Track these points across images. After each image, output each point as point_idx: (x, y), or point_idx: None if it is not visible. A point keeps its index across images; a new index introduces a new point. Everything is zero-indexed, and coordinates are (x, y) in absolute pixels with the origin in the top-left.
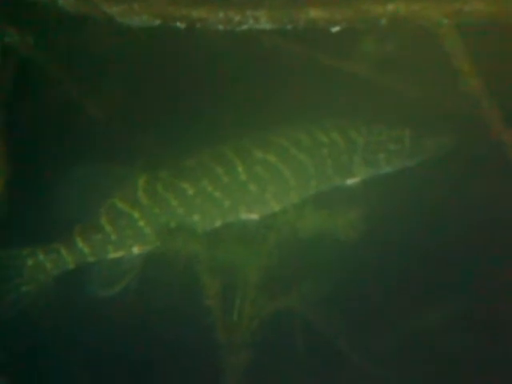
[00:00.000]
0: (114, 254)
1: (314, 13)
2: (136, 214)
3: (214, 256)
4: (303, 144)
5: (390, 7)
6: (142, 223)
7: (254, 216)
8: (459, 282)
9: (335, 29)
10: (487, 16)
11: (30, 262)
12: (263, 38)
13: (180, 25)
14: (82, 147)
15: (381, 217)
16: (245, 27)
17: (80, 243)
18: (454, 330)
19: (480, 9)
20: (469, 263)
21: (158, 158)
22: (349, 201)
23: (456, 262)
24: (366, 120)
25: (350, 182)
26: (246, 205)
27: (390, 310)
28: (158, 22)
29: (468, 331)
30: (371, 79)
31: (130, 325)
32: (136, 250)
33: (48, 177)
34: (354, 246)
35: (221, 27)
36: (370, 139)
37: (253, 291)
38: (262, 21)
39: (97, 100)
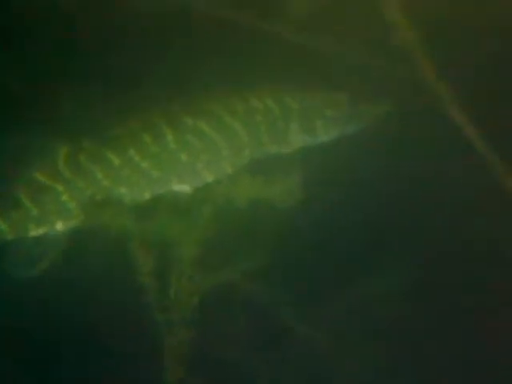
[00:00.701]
0: (35, 232)
1: None
2: (59, 188)
3: (146, 230)
4: (236, 111)
5: None
6: (65, 197)
7: (186, 187)
8: (398, 250)
9: None
10: None
11: None
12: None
13: None
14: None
15: (318, 183)
16: None
17: None
18: (398, 298)
19: None
20: (407, 227)
21: (80, 127)
22: (285, 169)
23: (394, 226)
24: (300, 86)
25: (286, 150)
26: (177, 175)
27: (329, 279)
28: None
29: (409, 300)
30: (297, 41)
31: (54, 309)
32: (60, 226)
33: None
34: (292, 214)
35: None
36: (306, 105)
37: (189, 267)
38: None
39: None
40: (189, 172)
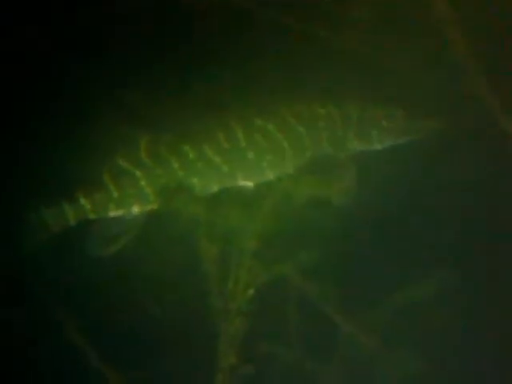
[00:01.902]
0: (114, 212)
1: None
2: (138, 174)
3: (212, 220)
4: (302, 116)
5: None
6: (143, 183)
7: (250, 183)
8: (450, 257)
9: None
10: None
11: (32, 216)
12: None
13: None
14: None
15: (373, 185)
16: None
17: (82, 199)
18: (446, 301)
19: None
20: (456, 239)
21: (162, 121)
22: (341, 170)
23: (444, 236)
24: (360, 95)
25: (343, 154)
26: (244, 171)
27: (383, 279)
28: None
29: (454, 305)
30: (360, 53)
31: (127, 288)
32: (136, 209)
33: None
34: (346, 212)
35: None
36: (365, 115)
37: (248, 258)
38: None
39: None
40: (254, 169)
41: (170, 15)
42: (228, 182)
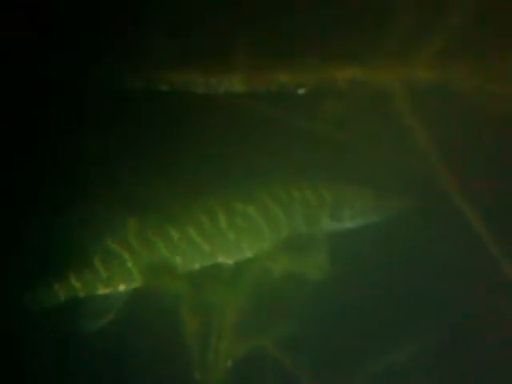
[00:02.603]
0: (102, 291)
1: (283, 77)
2: (126, 255)
3: (194, 296)
4: (279, 199)
5: (349, 72)
6: (130, 264)
7: (230, 261)
8: (424, 320)
9: (301, 91)
10: (431, 81)
11: (25, 293)
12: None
13: (163, 88)
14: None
15: (344, 261)
16: (221, 90)
17: (73, 279)
18: (422, 367)
19: (425, 75)
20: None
21: (145, 204)
22: (315, 248)
23: (418, 300)
24: (333, 179)
25: (317, 232)
26: (224, 251)
27: (358, 348)
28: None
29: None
30: (332, 138)
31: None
32: (123, 287)
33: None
34: (321, 287)
35: (199, 90)
36: (337, 197)
37: (228, 331)
38: (236, 84)
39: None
40: (234, 248)
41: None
42: (209, 260)
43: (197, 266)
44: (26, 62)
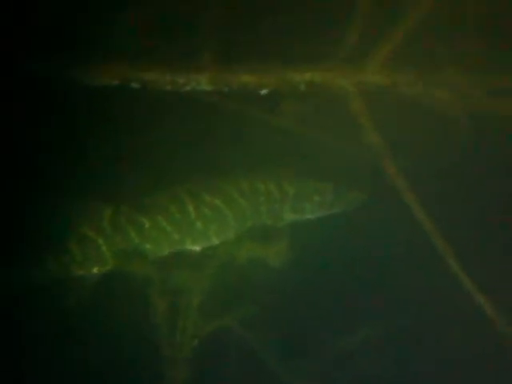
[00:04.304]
0: (76, 273)
1: (246, 78)
2: (100, 241)
3: (163, 279)
4: (244, 191)
5: (308, 75)
6: (104, 248)
7: (197, 247)
8: (380, 306)
9: (263, 91)
10: (383, 85)
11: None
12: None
13: (135, 85)
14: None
15: (303, 248)
16: (188, 88)
17: (49, 261)
18: (379, 349)
19: (376, 80)
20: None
21: (119, 194)
22: (277, 236)
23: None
24: (295, 172)
25: (279, 223)
26: (192, 238)
27: (316, 330)
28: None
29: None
30: (294, 134)
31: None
32: (96, 270)
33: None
34: (282, 271)
35: (168, 88)
36: (299, 191)
37: (194, 312)
38: (202, 83)
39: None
40: (201, 236)
41: None
42: (178, 246)
43: (166, 252)
44: None
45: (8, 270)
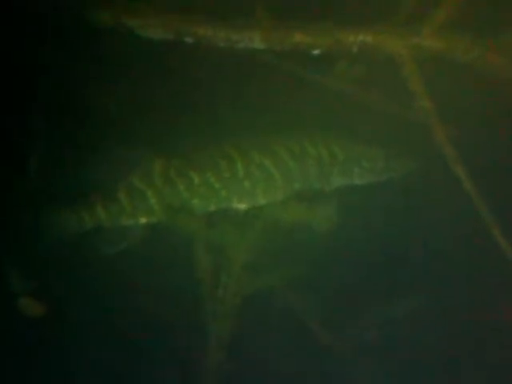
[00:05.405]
0: (125, 223)
1: (299, 37)
2: (149, 193)
3: (208, 235)
4: (294, 153)
5: (360, 37)
6: (153, 200)
7: (244, 206)
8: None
9: (316, 52)
10: (437, 50)
11: (52, 218)
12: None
13: (189, 40)
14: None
15: (352, 213)
16: (241, 45)
17: (99, 209)
18: (417, 320)
19: (431, 44)
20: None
21: (171, 148)
22: (324, 200)
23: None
24: (346, 136)
25: (327, 187)
26: (239, 196)
27: (356, 295)
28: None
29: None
30: (346, 96)
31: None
32: (144, 221)
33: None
34: (328, 236)
35: (222, 44)
36: (349, 156)
37: (238, 270)
38: (255, 41)
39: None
40: (248, 195)
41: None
42: (224, 204)
43: (212, 208)
44: None
45: (61, 212)
